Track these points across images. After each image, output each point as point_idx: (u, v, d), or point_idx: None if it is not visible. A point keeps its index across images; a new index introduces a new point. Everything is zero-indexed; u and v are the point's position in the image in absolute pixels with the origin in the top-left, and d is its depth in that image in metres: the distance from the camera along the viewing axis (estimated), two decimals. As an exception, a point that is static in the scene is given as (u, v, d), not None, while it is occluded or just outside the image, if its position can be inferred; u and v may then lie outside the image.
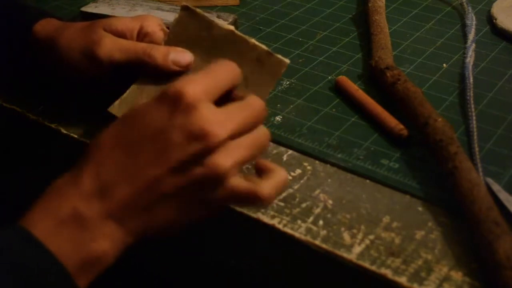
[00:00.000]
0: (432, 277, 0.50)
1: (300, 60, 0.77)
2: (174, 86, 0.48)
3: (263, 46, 0.58)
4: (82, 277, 0.47)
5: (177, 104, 0.47)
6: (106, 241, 0.47)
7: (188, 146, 0.47)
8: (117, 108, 0.61)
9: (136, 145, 0.48)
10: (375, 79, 0.71)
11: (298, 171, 0.61)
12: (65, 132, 0.66)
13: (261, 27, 0.84)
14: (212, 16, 0.80)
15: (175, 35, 0.60)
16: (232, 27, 0.58)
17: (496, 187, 0.56)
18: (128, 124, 0.50)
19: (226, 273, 0.65)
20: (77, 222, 0.47)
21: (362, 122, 0.67)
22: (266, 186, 0.49)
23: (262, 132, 0.51)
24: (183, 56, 0.60)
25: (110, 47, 0.60)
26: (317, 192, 0.58)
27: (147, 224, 0.48)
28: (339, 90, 0.71)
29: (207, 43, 0.59)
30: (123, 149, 0.48)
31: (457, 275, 0.50)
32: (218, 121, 0.48)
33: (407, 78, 0.67)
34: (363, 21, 0.84)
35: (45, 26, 0.66)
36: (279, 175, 0.51)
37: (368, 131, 0.65)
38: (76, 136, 0.66)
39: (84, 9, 0.82)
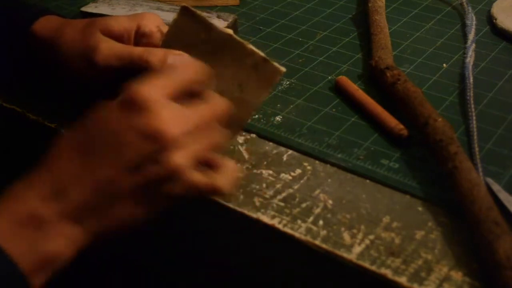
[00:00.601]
0: (432, 277, 0.50)
1: (300, 60, 0.77)
2: (129, 87, 0.49)
3: (260, 53, 0.58)
4: (37, 276, 0.47)
5: (130, 105, 0.48)
6: (63, 241, 0.48)
7: (141, 147, 0.48)
8: None
9: (92, 147, 0.49)
10: (375, 79, 0.71)
11: (298, 171, 0.61)
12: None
13: (261, 27, 0.84)
14: (212, 17, 0.80)
15: (173, 36, 0.60)
16: (230, 31, 0.58)
17: (496, 187, 0.56)
18: (85, 127, 0.50)
19: (226, 273, 0.65)
20: (33, 223, 0.47)
21: (362, 122, 0.67)
22: (222, 178, 0.51)
23: (217, 131, 0.52)
24: (182, 60, 0.59)
25: (107, 53, 0.60)
26: (317, 192, 0.58)
27: (105, 223, 0.49)
28: (339, 90, 0.71)
29: (205, 46, 0.59)
30: (78, 150, 0.49)
31: (457, 275, 0.50)
32: (173, 121, 0.48)
33: (407, 78, 0.67)
34: (363, 21, 0.84)
35: (45, 25, 0.66)
36: (229, 166, 0.52)
37: (368, 131, 0.65)
38: (76, 136, 0.65)
39: (84, 9, 0.82)
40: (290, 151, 0.63)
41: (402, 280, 0.50)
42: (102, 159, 0.48)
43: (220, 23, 0.78)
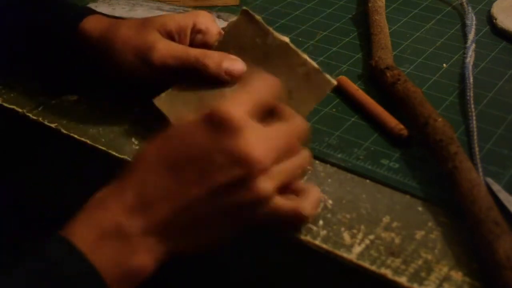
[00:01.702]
0: (432, 277, 0.50)
1: (300, 60, 0.77)
2: (220, 109, 0.48)
3: (314, 63, 0.58)
4: None
5: (222, 126, 0.48)
6: (146, 255, 0.48)
7: (231, 170, 0.47)
8: (162, 101, 0.61)
9: (180, 164, 0.48)
10: (375, 79, 0.71)
11: (298, 171, 0.61)
12: (65, 132, 0.66)
13: (261, 27, 0.84)
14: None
15: (230, 38, 0.61)
16: (287, 39, 0.58)
17: (496, 187, 0.56)
18: (172, 142, 0.50)
19: (226, 273, 0.65)
20: (119, 236, 0.47)
21: (362, 122, 0.67)
22: (306, 204, 0.51)
23: (304, 155, 0.52)
24: (236, 65, 0.60)
25: (164, 53, 0.60)
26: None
27: (185, 242, 0.49)
28: (339, 90, 0.71)
29: (259, 51, 0.59)
30: (166, 166, 0.49)
31: (457, 275, 0.50)
32: (262, 146, 0.48)
33: (407, 78, 0.67)
34: (363, 21, 0.84)
35: (95, 24, 0.65)
36: (314, 192, 0.53)
37: (368, 131, 0.65)
38: (76, 136, 0.66)
39: (84, 9, 0.82)
40: (290, 151, 0.63)
41: (402, 280, 0.50)
42: (191, 178, 0.48)
43: (220, 23, 0.78)
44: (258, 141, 0.48)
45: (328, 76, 0.58)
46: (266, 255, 0.60)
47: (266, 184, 0.48)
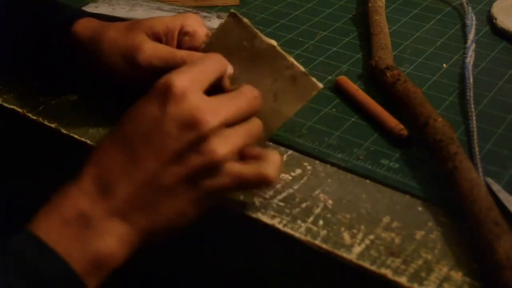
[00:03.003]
0: (432, 277, 0.50)
1: (300, 60, 0.77)
2: (162, 79, 0.49)
3: (300, 67, 0.58)
4: (91, 276, 0.47)
5: (166, 95, 0.48)
6: (113, 239, 0.47)
7: (182, 136, 0.48)
8: None
9: (131, 141, 0.49)
10: (375, 79, 0.71)
11: (298, 171, 0.61)
12: (65, 132, 0.66)
13: (261, 27, 0.84)
14: (212, 17, 0.80)
15: (217, 40, 0.61)
16: (274, 42, 0.59)
17: (496, 187, 0.56)
18: (123, 122, 0.51)
19: (226, 273, 0.65)
20: (82, 222, 0.47)
21: (362, 122, 0.67)
22: (269, 166, 0.51)
23: (255, 122, 0.53)
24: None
25: (150, 53, 0.61)
26: (317, 192, 0.58)
27: (153, 220, 0.49)
28: (339, 90, 0.71)
29: (246, 54, 0.59)
30: (120, 146, 0.49)
31: (457, 275, 0.50)
32: (209, 109, 0.49)
33: (407, 78, 0.67)
34: (363, 21, 0.84)
35: (86, 26, 0.66)
36: (274, 155, 0.52)
37: (368, 131, 0.65)
38: (76, 136, 0.66)
39: (84, 9, 0.82)
40: (290, 151, 0.63)
41: (402, 280, 0.50)
42: (145, 152, 0.48)
43: (220, 23, 0.78)
44: (204, 104, 0.49)
45: (314, 79, 0.58)
46: (266, 255, 0.60)
47: (218, 145, 0.48)
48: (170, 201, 0.49)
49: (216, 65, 0.53)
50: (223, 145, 0.49)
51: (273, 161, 0.52)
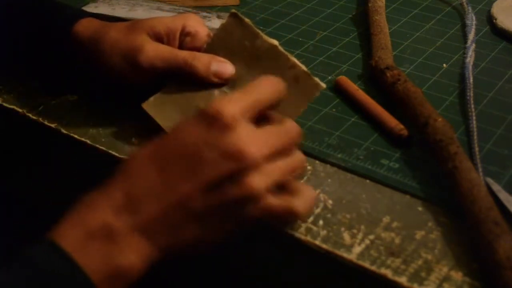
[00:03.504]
0: (432, 277, 0.50)
1: (300, 60, 0.77)
2: (213, 106, 0.48)
3: (303, 66, 0.58)
4: None
5: (214, 123, 0.47)
6: (134, 254, 0.47)
7: (222, 165, 0.47)
8: (151, 105, 0.62)
9: (169, 161, 0.48)
10: (375, 79, 0.71)
11: (298, 171, 0.61)
12: (65, 132, 0.66)
13: (261, 27, 0.84)
14: (212, 17, 0.80)
15: (219, 40, 0.61)
16: (276, 42, 0.59)
17: (496, 187, 0.56)
18: (163, 141, 0.50)
19: (226, 273, 0.65)
20: (106, 235, 0.47)
21: (362, 122, 0.67)
22: (299, 203, 0.50)
23: (298, 157, 0.52)
24: (225, 68, 0.60)
25: (152, 55, 0.60)
26: (317, 192, 0.58)
27: (176, 241, 0.48)
28: (339, 90, 0.71)
29: (248, 53, 0.59)
30: (156, 164, 0.48)
31: (457, 275, 0.50)
32: (254, 142, 0.48)
33: (407, 78, 0.67)
34: (363, 21, 0.84)
35: (87, 27, 0.65)
36: (308, 191, 0.51)
37: (368, 131, 0.65)
38: (76, 136, 0.66)
39: (84, 9, 0.82)
40: (290, 151, 0.63)
41: (402, 280, 0.50)
42: (181, 174, 0.48)
43: (220, 23, 0.78)
44: (250, 137, 0.48)
45: (317, 79, 0.58)
46: (266, 255, 0.60)
47: (258, 181, 0.47)
48: (196, 227, 0.48)
49: (271, 92, 0.52)
50: (262, 181, 0.48)
51: (306, 197, 0.51)
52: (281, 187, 0.50)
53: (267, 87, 0.52)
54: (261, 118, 0.51)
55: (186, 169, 0.47)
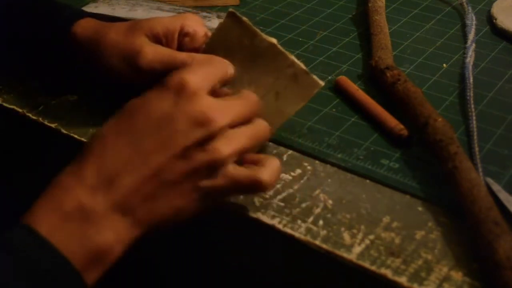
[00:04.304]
0: (432, 277, 0.50)
1: (300, 60, 0.77)
2: (177, 75, 0.50)
3: (302, 65, 0.58)
4: (89, 271, 0.46)
5: (180, 92, 0.49)
6: (112, 233, 0.47)
7: (191, 133, 0.48)
8: None
9: (139, 133, 0.49)
10: (375, 79, 0.71)
11: (298, 171, 0.61)
12: (65, 132, 0.66)
13: (261, 27, 0.84)
14: (212, 17, 0.80)
15: (217, 39, 0.61)
16: (274, 40, 0.59)
17: (496, 187, 0.56)
18: (130, 113, 0.50)
19: (226, 273, 0.65)
20: (81, 216, 0.47)
21: (362, 122, 0.67)
22: (265, 172, 0.51)
23: (261, 125, 0.53)
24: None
25: (151, 57, 0.61)
26: (317, 192, 0.58)
27: (153, 214, 0.49)
28: (339, 90, 0.71)
29: (247, 52, 0.59)
30: (126, 138, 0.49)
31: (457, 275, 0.50)
32: (219, 109, 0.50)
33: (407, 78, 0.67)
34: (363, 21, 0.84)
35: (85, 27, 0.65)
36: (273, 162, 0.53)
37: (368, 131, 0.65)
38: (76, 136, 0.66)
39: (84, 9, 0.82)
40: (290, 151, 0.63)
41: (402, 280, 0.50)
42: (152, 146, 0.48)
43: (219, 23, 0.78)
44: (214, 103, 0.50)
45: (315, 77, 0.58)
46: (266, 255, 0.60)
47: (222, 146, 0.49)
48: (170, 197, 0.49)
49: (222, 69, 0.54)
50: (227, 145, 0.49)
51: (270, 166, 0.52)
52: (248, 160, 0.52)
53: (219, 64, 0.54)
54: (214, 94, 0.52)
55: (157, 140, 0.48)
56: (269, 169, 0.52)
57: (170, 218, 0.50)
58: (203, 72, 0.52)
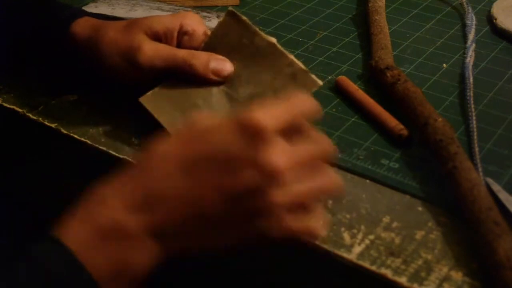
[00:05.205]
0: (432, 277, 0.50)
1: (300, 60, 0.77)
2: (252, 116, 0.45)
3: (301, 64, 0.58)
4: None
5: (253, 135, 0.45)
6: (143, 257, 0.46)
7: (252, 179, 0.44)
8: (148, 99, 0.62)
9: (197, 165, 0.45)
10: (375, 79, 0.71)
11: (298, 171, 0.61)
12: (65, 132, 0.66)
13: (261, 27, 0.84)
14: (212, 17, 0.80)
15: (216, 38, 0.61)
16: (274, 40, 0.59)
17: (496, 187, 0.56)
18: (190, 140, 0.47)
19: (226, 273, 0.65)
20: (116, 235, 0.45)
21: (362, 122, 0.67)
22: (317, 224, 0.48)
23: (330, 179, 0.48)
24: (224, 66, 0.60)
25: (151, 54, 0.60)
26: (317, 192, 0.58)
27: (187, 246, 0.47)
28: (339, 90, 0.71)
29: (246, 51, 0.59)
30: (182, 165, 0.45)
31: (457, 275, 0.50)
32: (287, 162, 0.45)
33: (407, 78, 0.67)
34: (363, 21, 0.84)
35: (84, 26, 0.65)
36: (324, 214, 0.49)
37: (368, 131, 0.65)
38: (76, 136, 0.66)
39: (84, 9, 0.82)
40: (290, 151, 0.63)
41: (402, 280, 0.50)
42: (209, 182, 0.45)
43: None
44: (284, 155, 0.45)
45: (314, 76, 0.58)
46: (266, 255, 0.60)
47: (278, 197, 0.45)
48: (211, 236, 0.47)
49: (306, 111, 0.48)
50: (283, 197, 0.45)
51: (318, 215, 0.48)
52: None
53: (303, 105, 0.49)
54: (293, 130, 0.48)
55: (215, 179, 0.45)
56: (318, 217, 0.48)
57: (206, 251, 0.48)
58: (283, 116, 0.46)
